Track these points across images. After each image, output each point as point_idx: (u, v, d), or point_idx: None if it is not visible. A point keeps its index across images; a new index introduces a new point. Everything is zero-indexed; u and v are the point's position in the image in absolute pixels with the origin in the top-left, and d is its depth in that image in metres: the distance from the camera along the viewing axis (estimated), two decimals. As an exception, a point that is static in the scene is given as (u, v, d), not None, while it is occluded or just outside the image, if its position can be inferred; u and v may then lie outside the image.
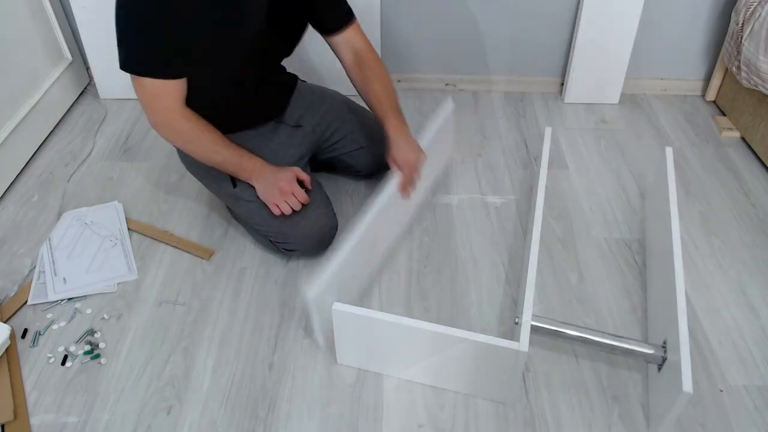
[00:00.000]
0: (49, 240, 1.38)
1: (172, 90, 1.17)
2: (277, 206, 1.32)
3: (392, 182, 1.37)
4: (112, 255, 1.44)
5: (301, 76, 1.61)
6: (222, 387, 1.23)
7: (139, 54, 1.12)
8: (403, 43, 2.06)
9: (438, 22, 2.01)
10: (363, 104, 1.72)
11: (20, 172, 1.77)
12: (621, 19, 1.91)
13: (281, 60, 1.46)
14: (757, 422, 1.18)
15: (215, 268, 1.48)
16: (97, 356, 1.28)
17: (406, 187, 1.37)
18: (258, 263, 1.49)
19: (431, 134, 1.51)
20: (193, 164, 1.48)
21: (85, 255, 1.40)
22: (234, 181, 1.41)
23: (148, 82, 1.15)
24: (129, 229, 1.56)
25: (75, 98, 2.07)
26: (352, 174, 1.72)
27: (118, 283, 1.41)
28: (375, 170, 1.67)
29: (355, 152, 1.60)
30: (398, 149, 1.34)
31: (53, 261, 1.36)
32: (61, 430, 1.16)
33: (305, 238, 1.40)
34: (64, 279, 1.34)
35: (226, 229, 1.58)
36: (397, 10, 1.98)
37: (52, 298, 1.35)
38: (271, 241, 1.45)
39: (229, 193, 1.43)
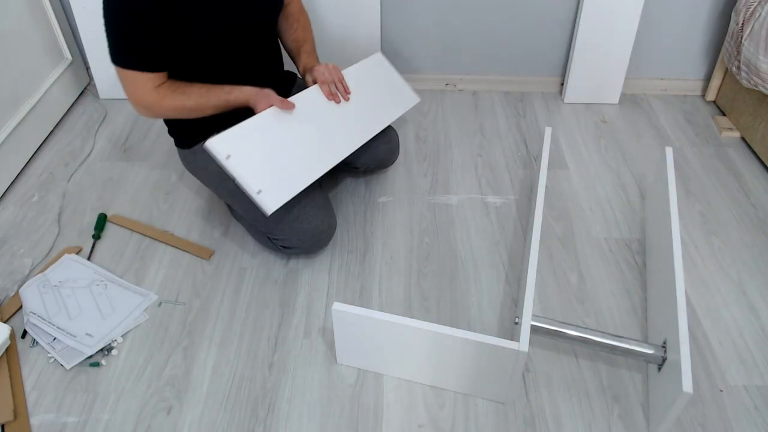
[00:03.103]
0: (34, 314, 1.34)
1: (149, 80, 1.26)
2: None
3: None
4: (113, 294, 1.40)
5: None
6: (222, 387, 1.23)
7: (120, 49, 1.24)
8: (403, 43, 2.06)
9: (438, 22, 2.01)
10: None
11: (20, 172, 1.77)
12: (621, 19, 1.91)
13: (269, 48, 1.47)
14: (757, 422, 1.18)
15: (215, 268, 1.48)
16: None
17: (333, 95, 1.45)
18: (258, 263, 1.49)
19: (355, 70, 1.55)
20: (192, 165, 1.49)
21: (85, 310, 1.35)
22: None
23: (130, 74, 1.26)
24: (127, 229, 1.56)
25: (75, 98, 2.07)
26: (350, 171, 1.72)
27: (145, 309, 1.38)
28: (373, 167, 1.67)
29: None
30: (313, 72, 1.45)
31: (60, 329, 1.33)
32: (61, 430, 1.16)
33: (303, 235, 1.40)
34: (87, 334, 1.31)
35: (226, 229, 1.58)
36: (397, 10, 1.98)
37: (90, 352, 1.27)
38: (269, 238, 1.45)
39: (228, 188, 1.43)
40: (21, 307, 1.37)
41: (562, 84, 2.13)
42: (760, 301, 1.41)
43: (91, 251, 1.52)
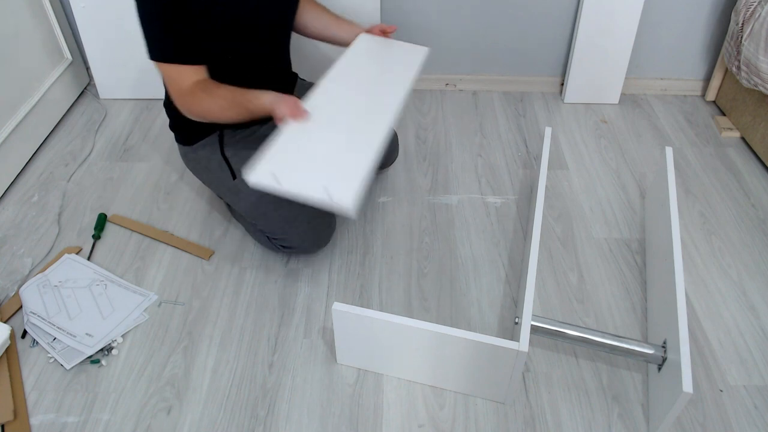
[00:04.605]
0: (34, 314, 1.34)
1: (188, 74, 1.24)
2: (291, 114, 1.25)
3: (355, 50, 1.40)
4: (113, 294, 1.39)
5: (300, 75, 1.61)
6: (222, 387, 1.23)
7: (157, 43, 1.22)
8: (403, 43, 2.06)
9: (438, 22, 2.01)
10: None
11: (20, 172, 1.77)
12: (621, 19, 1.91)
13: (284, 49, 1.47)
14: (757, 422, 1.18)
15: (215, 268, 1.48)
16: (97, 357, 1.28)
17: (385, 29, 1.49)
18: (258, 263, 1.49)
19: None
20: (192, 162, 1.48)
21: (85, 310, 1.35)
22: (233, 173, 1.41)
23: (170, 68, 1.23)
24: (127, 229, 1.57)
25: (75, 98, 2.07)
26: None
27: (145, 309, 1.38)
28: None
29: None
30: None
31: (60, 329, 1.32)
32: (61, 430, 1.16)
33: (303, 235, 1.40)
34: (87, 334, 1.30)
35: (226, 229, 1.58)
36: (397, 10, 1.98)
37: (90, 352, 1.27)
38: (269, 238, 1.45)
39: (228, 186, 1.43)
40: (21, 307, 1.37)
41: (562, 84, 2.13)
42: (760, 301, 1.41)
43: (91, 251, 1.52)
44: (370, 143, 1.16)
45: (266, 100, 1.24)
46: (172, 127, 1.48)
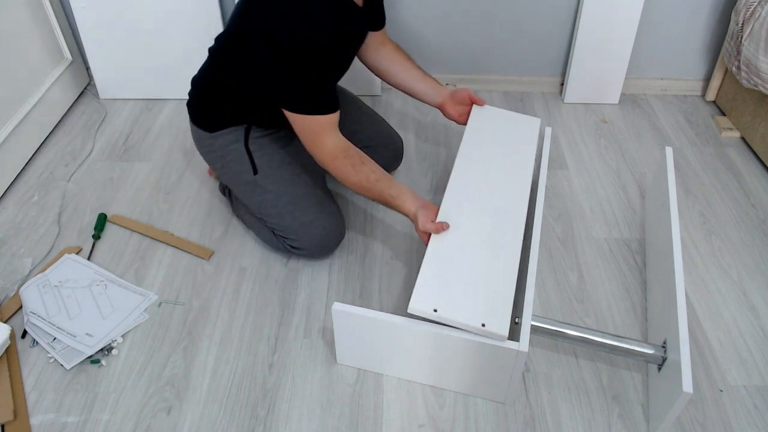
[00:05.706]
0: (34, 314, 1.34)
1: (331, 123, 1.26)
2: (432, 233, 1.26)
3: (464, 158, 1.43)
4: (113, 294, 1.39)
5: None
6: (222, 387, 1.23)
7: (313, 97, 1.23)
8: (403, 44, 2.06)
9: (438, 23, 2.01)
10: (362, 105, 1.72)
11: (20, 172, 1.77)
12: (621, 19, 1.91)
13: None
14: (757, 422, 1.18)
15: (215, 268, 1.48)
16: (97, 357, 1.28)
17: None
18: (258, 263, 1.49)
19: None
20: (207, 148, 1.45)
21: (85, 310, 1.35)
22: (255, 168, 1.41)
23: (318, 120, 1.24)
24: (127, 229, 1.57)
25: (75, 98, 2.07)
26: None
27: (145, 309, 1.38)
28: None
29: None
30: (456, 95, 1.55)
31: (60, 329, 1.32)
32: (61, 430, 1.16)
33: (315, 239, 1.41)
34: (87, 334, 1.30)
35: (226, 229, 1.58)
36: (398, 10, 1.98)
37: (90, 352, 1.27)
38: (275, 234, 1.45)
39: (245, 180, 1.42)
40: (21, 307, 1.37)
41: (562, 84, 2.13)
42: (760, 301, 1.41)
43: (91, 251, 1.52)
44: (511, 259, 1.21)
45: (411, 207, 1.28)
46: (192, 106, 1.44)
